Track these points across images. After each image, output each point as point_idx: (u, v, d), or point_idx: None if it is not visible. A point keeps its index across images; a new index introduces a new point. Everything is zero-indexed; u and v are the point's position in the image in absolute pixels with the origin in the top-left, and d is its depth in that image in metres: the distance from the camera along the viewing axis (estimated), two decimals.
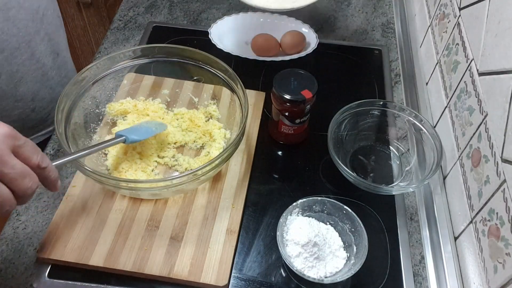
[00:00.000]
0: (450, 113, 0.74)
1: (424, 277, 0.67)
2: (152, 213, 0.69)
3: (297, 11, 1.09)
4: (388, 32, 1.05)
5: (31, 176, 0.47)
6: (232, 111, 0.78)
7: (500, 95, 0.57)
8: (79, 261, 0.63)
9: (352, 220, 0.65)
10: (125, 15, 1.07)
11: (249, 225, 0.70)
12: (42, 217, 0.70)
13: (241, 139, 0.69)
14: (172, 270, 0.63)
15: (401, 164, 0.78)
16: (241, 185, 0.73)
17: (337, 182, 0.75)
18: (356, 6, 1.12)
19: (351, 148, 0.80)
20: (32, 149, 0.48)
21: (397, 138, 0.80)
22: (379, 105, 0.79)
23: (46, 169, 0.49)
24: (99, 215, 0.68)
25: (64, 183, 0.74)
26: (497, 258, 0.54)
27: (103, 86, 0.76)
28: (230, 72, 0.74)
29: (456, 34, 0.75)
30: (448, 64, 0.77)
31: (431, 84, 0.86)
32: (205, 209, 0.70)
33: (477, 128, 0.63)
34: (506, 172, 0.53)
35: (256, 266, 0.66)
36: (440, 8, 0.86)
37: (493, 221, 0.55)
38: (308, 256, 0.62)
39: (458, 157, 0.69)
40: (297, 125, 0.76)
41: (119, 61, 0.76)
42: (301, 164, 0.79)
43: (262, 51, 0.94)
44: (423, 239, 0.71)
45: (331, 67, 0.97)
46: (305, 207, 0.67)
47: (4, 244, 0.67)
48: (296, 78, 0.74)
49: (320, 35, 1.03)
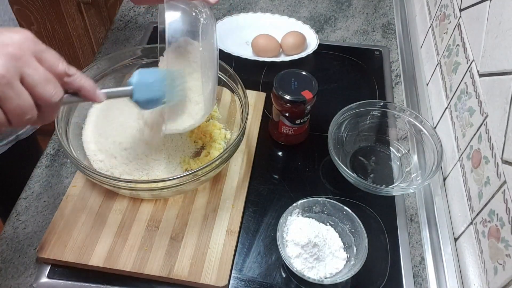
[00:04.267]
0: (450, 114, 0.74)
1: (424, 278, 0.67)
2: (152, 214, 0.69)
3: (297, 11, 1.09)
4: (388, 33, 1.05)
5: (55, 83, 0.43)
6: (232, 111, 0.78)
7: (500, 96, 0.57)
8: (79, 261, 0.63)
9: (352, 221, 0.65)
10: (126, 15, 1.07)
11: (249, 225, 0.70)
12: (42, 217, 0.70)
13: (241, 139, 0.69)
14: (172, 271, 0.63)
15: (401, 165, 0.78)
16: (241, 185, 0.73)
17: (337, 183, 0.75)
18: (357, 7, 1.12)
19: (351, 148, 0.80)
20: (56, 56, 0.44)
21: (398, 139, 0.80)
22: (379, 106, 0.79)
23: (76, 77, 0.46)
24: (99, 215, 0.68)
25: (64, 183, 0.74)
26: (497, 259, 0.54)
27: (103, 86, 0.76)
28: (230, 73, 0.74)
29: (456, 35, 0.75)
30: (449, 65, 0.77)
31: (432, 85, 0.86)
32: (205, 209, 0.70)
33: (478, 129, 0.63)
34: (506, 173, 0.53)
35: (256, 267, 0.66)
36: (441, 9, 0.86)
37: (493, 222, 0.55)
38: (308, 256, 0.62)
39: (459, 158, 0.69)
40: (297, 125, 0.76)
41: (119, 61, 0.76)
42: (301, 164, 0.79)
43: (262, 52, 0.94)
44: (423, 240, 0.70)
45: (332, 67, 0.97)
46: (305, 208, 0.67)
47: (4, 244, 0.67)
48: (297, 79, 0.74)
49: (321, 36, 1.03)
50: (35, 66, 0.42)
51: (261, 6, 1.11)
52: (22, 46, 0.41)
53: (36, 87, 0.42)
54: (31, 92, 0.42)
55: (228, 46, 0.94)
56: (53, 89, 0.43)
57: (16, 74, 0.41)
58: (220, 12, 1.09)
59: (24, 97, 0.41)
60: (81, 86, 0.47)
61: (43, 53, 0.43)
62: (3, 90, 0.40)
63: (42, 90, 0.42)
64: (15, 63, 0.40)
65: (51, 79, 0.43)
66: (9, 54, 0.40)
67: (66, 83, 0.45)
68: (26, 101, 0.42)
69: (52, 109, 0.45)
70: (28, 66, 0.41)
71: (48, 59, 0.43)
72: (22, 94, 0.41)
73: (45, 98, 0.43)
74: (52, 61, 0.44)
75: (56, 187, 0.74)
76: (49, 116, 0.45)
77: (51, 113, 0.45)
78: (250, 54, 0.95)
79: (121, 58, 0.76)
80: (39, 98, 0.43)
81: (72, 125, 0.70)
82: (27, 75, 0.41)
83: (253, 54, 0.95)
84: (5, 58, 0.40)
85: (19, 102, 0.41)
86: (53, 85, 0.43)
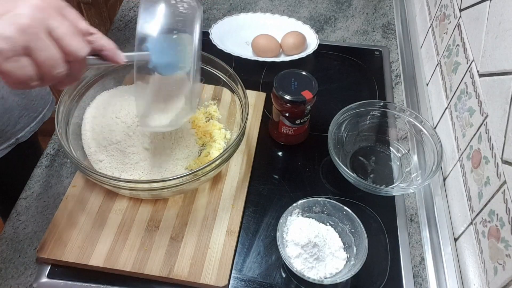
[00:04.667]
0: (450, 114, 0.74)
1: (424, 278, 0.67)
2: (152, 214, 0.69)
3: (297, 11, 1.09)
4: (388, 33, 1.05)
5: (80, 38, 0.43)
6: (232, 111, 0.78)
7: (500, 96, 0.57)
8: (79, 261, 0.63)
9: (352, 221, 0.65)
10: (126, 16, 1.07)
11: (249, 225, 0.70)
12: (42, 217, 0.70)
13: (241, 139, 0.69)
14: (172, 271, 0.63)
15: (401, 165, 0.78)
16: (241, 185, 0.73)
17: (337, 183, 0.75)
18: (357, 7, 1.12)
19: (351, 149, 0.80)
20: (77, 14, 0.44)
21: (398, 139, 0.80)
22: (379, 106, 0.79)
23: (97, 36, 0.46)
24: (99, 215, 0.68)
25: (64, 183, 0.74)
26: (497, 259, 0.54)
27: (103, 86, 0.76)
28: (230, 73, 0.74)
29: (456, 35, 0.75)
30: (449, 65, 0.77)
31: (432, 85, 0.86)
32: (205, 209, 0.70)
33: (478, 129, 0.63)
34: (506, 173, 0.53)
35: (256, 267, 0.66)
36: (441, 9, 0.86)
37: (493, 222, 0.55)
38: (308, 257, 0.62)
39: (458, 158, 0.69)
40: (297, 125, 0.76)
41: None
42: (301, 164, 0.79)
43: (262, 52, 0.94)
44: (423, 240, 0.70)
45: (332, 68, 0.97)
46: (305, 208, 0.67)
47: (4, 244, 0.67)
48: (297, 79, 0.74)
49: (321, 36, 1.03)
50: (60, 19, 0.42)
51: (261, 6, 1.11)
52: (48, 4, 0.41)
53: (63, 40, 0.42)
54: (59, 45, 0.42)
55: (228, 46, 0.94)
56: (79, 43, 0.43)
57: (43, 25, 0.41)
58: (220, 12, 1.09)
59: (53, 49, 0.41)
60: (103, 45, 0.47)
61: (65, 9, 0.43)
62: (32, 40, 0.40)
63: (70, 43, 0.42)
64: (40, 14, 0.40)
65: (76, 33, 0.43)
66: (34, 5, 0.40)
67: (89, 41, 0.45)
68: (56, 53, 0.42)
69: (80, 65, 0.45)
70: (53, 18, 0.41)
71: (70, 15, 0.44)
72: (51, 46, 0.41)
73: (72, 51, 0.43)
74: (75, 18, 0.44)
75: (56, 187, 0.74)
76: (77, 74, 0.45)
77: (78, 70, 0.45)
78: (250, 54, 0.95)
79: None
80: (67, 51, 0.43)
81: (72, 125, 0.70)
82: (53, 28, 0.41)
83: (253, 54, 0.95)
84: (30, 9, 0.40)
85: (49, 54, 0.41)
86: (79, 39, 0.43)
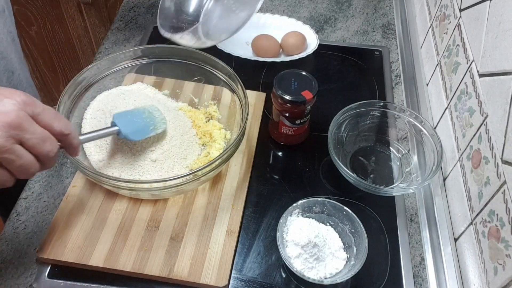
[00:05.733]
0: (450, 114, 0.74)
1: (424, 278, 0.67)
2: (152, 214, 0.69)
3: (297, 12, 1.09)
4: (388, 33, 1.05)
5: (51, 140, 0.47)
6: (232, 111, 0.78)
7: (500, 96, 0.57)
8: (79, 261, 0.63)
9: (352, 221, 0.65)
10: (126, 16, 1.07)
11: (249, 225, 0.70)
12: (42, 217, 0.70)
13: (241, 139, 0.69)
14: (172, 271, 0.63)
15: (401, 165, 0.78)
16: (241, 185, 0.73)
17: (337, 183, 0.75)
18: (357, 7, 1.12)
19: (351, 149, 0.80)
20: (53, 116, 0.48)
21: (398, 139, 0.80)
22: (379, 106, 0.79)
23: (70, 136, 0.50)
24: (99, 215, 0.68)
25: (64, 183, 0.74)
26: (497, 259, 0.54)
27: (103, 86, 0.76)
28: (230, 73, 0.74)
29: (456, 35, 0.75)
30: (449, 65, 0.77)
31: (432, 85, 0.86)
32: (205, 209, 0.70)
33: (478, 129, 0.63)
34: (506, 174, 0.53)
35: (256, 267, 0.66)
36: (441, 9, 0.86)
37: (493, 222, 0.55)
38: (308, 257, 0.62)
39: (459, 158, 0.69)
40: (297, 125, 0.76)
41: (119, 61, 0.76)
42: (301, 165, 0.79)
43: (262, 52, 0.94)
44: (423, 241, 0.70)
45: (332, 68, 0.97)
46: (305, 208, 0.67)
47: (4, 244, 0.67)
48: (297, 79, 0.74)
49: (321, 36, 1.03)
50: (33, 130, 0.45)
51: (261, 6, 1.11)
52: (19, 114, 0.44)
53: (35, 148, 0.46)
54: (31, 151, 0.46)
55: (228, 46, 0.94)
56: (50, 146, 0.47)
57: (16, 141, 0.44)
58: None
59: (25, 157, 0.46)
60: (70, 145, 0.51)
61: (39, 115, 0.46)
62: (5, 157, 0.44)
63: (41, 149, 0.46)
64: (13, 131, 0.44)
65: (47, 138, 0.47)
66: (7, 124, 0.43)
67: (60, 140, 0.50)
68: (28, 160, 0.46)
69: (51, 159, 0.49)
70: (26, 131, 0.45)
71: (45, 119, 0.47)
72: (23, 156, 0.45)
73: (43, 155, 0.47)
74: (49, 121, 0.47)
75: (56, 187, 0.74)
76: (50, 164, 0.50)
77: (51, 162, 0.49)
78: (250, 54, 0.95)
79: (121, 59, 0.76)
80: (39, 155, 0.47)
81: (72, 125, 0.70)
82: (26, 140, 0.45)
83: (253, 54, 0.95)
84: (4, 129, 0.43)
85: (22, 163, 0.45)
86: (49, 143, 0.47)
